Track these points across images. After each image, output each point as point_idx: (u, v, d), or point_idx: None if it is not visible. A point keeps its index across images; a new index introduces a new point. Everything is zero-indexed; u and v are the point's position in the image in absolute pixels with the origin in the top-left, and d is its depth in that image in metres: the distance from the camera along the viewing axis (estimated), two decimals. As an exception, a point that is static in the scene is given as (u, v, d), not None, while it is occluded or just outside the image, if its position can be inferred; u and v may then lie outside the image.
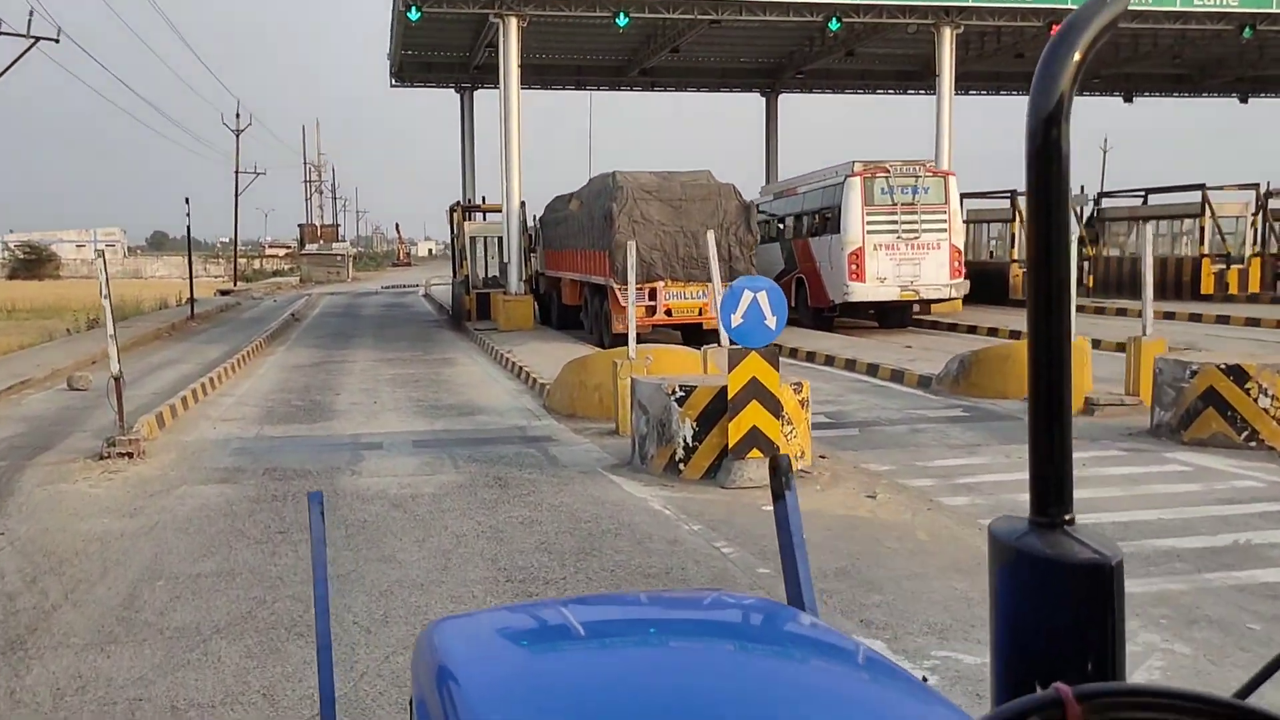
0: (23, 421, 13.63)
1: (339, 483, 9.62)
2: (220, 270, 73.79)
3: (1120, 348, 17.16)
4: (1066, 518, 1.27)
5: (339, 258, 71.80)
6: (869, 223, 22.01)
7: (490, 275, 29.25)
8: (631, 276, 11.79)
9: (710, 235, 12.36)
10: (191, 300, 32.90)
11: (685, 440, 9.43)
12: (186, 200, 32.87)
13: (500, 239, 29.05)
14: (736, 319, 9.05)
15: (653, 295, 19.86)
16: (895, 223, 22.02)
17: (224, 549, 7.57)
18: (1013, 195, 31.69)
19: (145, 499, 9.13)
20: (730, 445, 9.14)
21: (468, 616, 2.53)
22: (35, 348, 23.23)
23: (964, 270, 22.50)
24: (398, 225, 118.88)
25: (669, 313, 20.09)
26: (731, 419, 9.13)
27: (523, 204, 25.59)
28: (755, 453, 9.11)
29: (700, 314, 19.97)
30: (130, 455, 10.64)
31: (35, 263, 76.72)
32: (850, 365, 17.39)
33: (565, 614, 2.29)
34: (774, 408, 9.20)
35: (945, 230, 21.78)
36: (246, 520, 8.35)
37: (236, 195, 62.31)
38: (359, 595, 6.44)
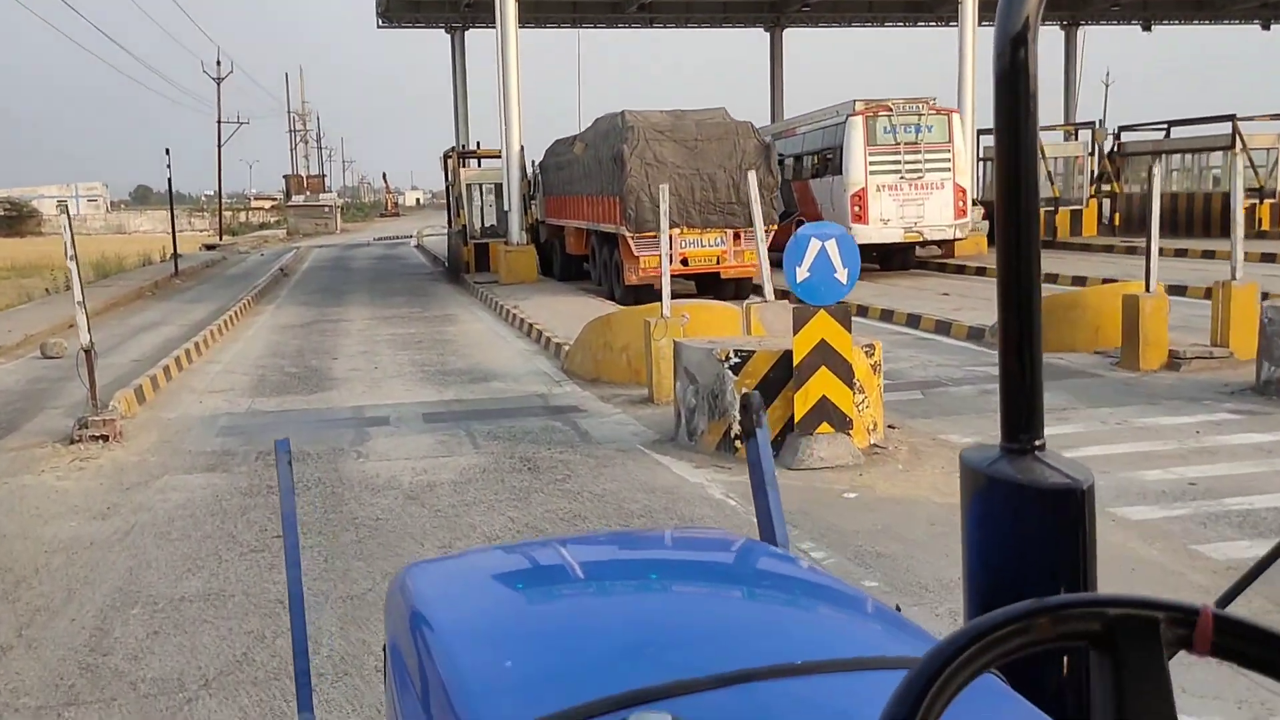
0: (-12, 397, 12.35)
1: (344, 468, 8.38)
2: (205, 224, 72.00)
3: (1173, 291, 15.97)
4: (1037, 443, 1.35)
5: (326, 209, 70.04)
6: (871, 163, 21.50)
7: (488, 225, 27.92)
8: (665, 224, 10.46)
9: (751, 176, 11.06)
10: (175, 256, 31.47)
11: (742, 413, 8.18)
12: (167, 151, 31.39)
13: (498, 186, 27.69)
14: (802, 272, 7.77)
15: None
16: (898, 163, 21.41)
17: (212, 561, 6.34)
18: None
19: (120, 493, 7.88)
20: (796, 419, 7.91)
21: (440, 560, 2.53)
22: (10, 310, 21.88)
23: (969, 209, 21.77)
24: (385, 175, 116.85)
25: (685, 262, 18.75)
26: (798, 388, 7.89)
27: (521, 148, 24.16)
28: (825, 427, 7.88)
29: (718, 263, 18.93)
30: (105, 438, 9.38)
31: (16, 220, 74.77)
32: (887, 316, 16.17)
33: (536, 554, 2.32)
34: (846, 374, 7.96)
35: (949, 169, 21.13)
36: (238, 520, 7.11)
37: (219, 146, 60.52)
38: (378, 629, 5.22)
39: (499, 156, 29.41)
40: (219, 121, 60.85)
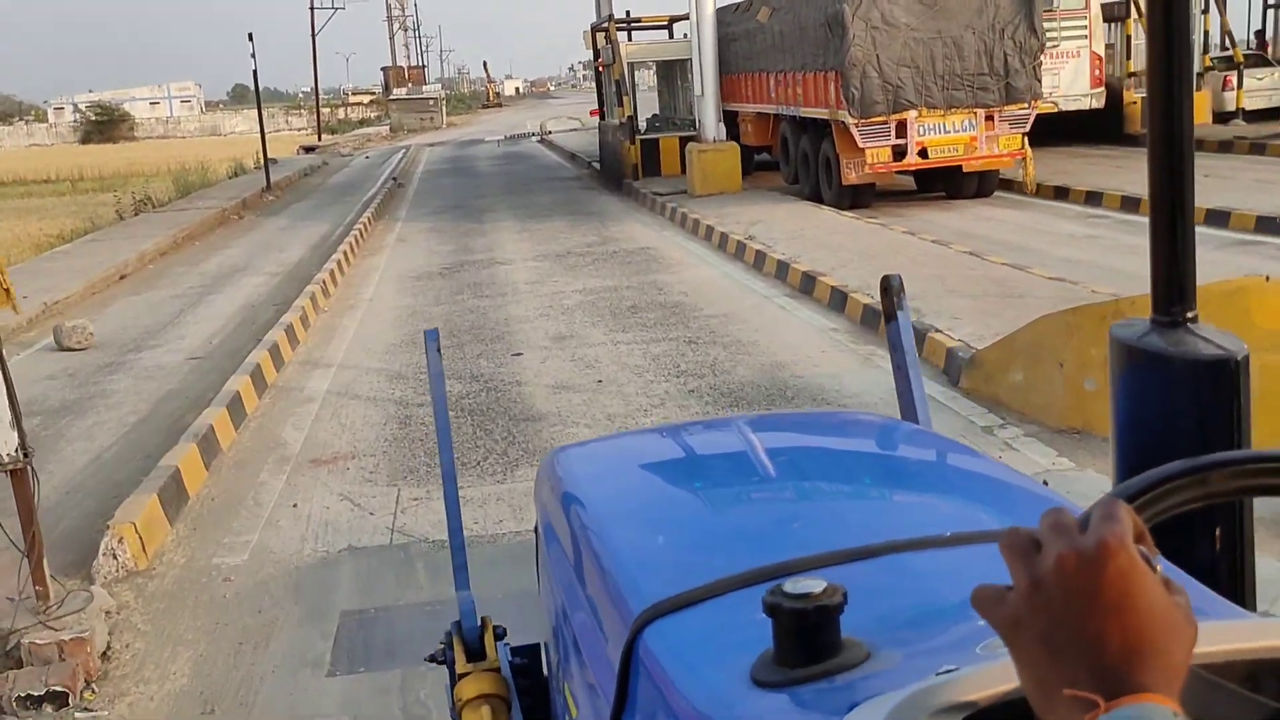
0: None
1: None
2: (303, 122, 66.81)
3: None
4: (1189, 315, 1.37)
5: (431, 102, 64.41)
6: None
7: (651, 115, 21.97)
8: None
9: None
10: (266, 166, 25.95)
11: None
12: (250, 38, 25.68)
13: (661, 65, 21.83)
14: None
15: (900, 130, 14.25)
16: None
17: None
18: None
19: None
20: None
21: (587, 443, 2.65)
22: (54, 250, 16.68)
23: (1105, 78, 20.22)
24: (485, 64, 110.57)
25: (923, 153, 14.41)
26: None
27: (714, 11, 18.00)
28: None
29: (964, 152, 14.51)
30: (61, 697, 3.74)
31: (107, 124, 70.70)
32: (1220, 220, 11.10)
33: (681, 435, 2.38)
34: None
35: (1086, 36, 19.58)
36: None
37: (314, 35, 54.75)
38: None
39: (665, 26, 23.30)
40: (311, 7, 55.09)
